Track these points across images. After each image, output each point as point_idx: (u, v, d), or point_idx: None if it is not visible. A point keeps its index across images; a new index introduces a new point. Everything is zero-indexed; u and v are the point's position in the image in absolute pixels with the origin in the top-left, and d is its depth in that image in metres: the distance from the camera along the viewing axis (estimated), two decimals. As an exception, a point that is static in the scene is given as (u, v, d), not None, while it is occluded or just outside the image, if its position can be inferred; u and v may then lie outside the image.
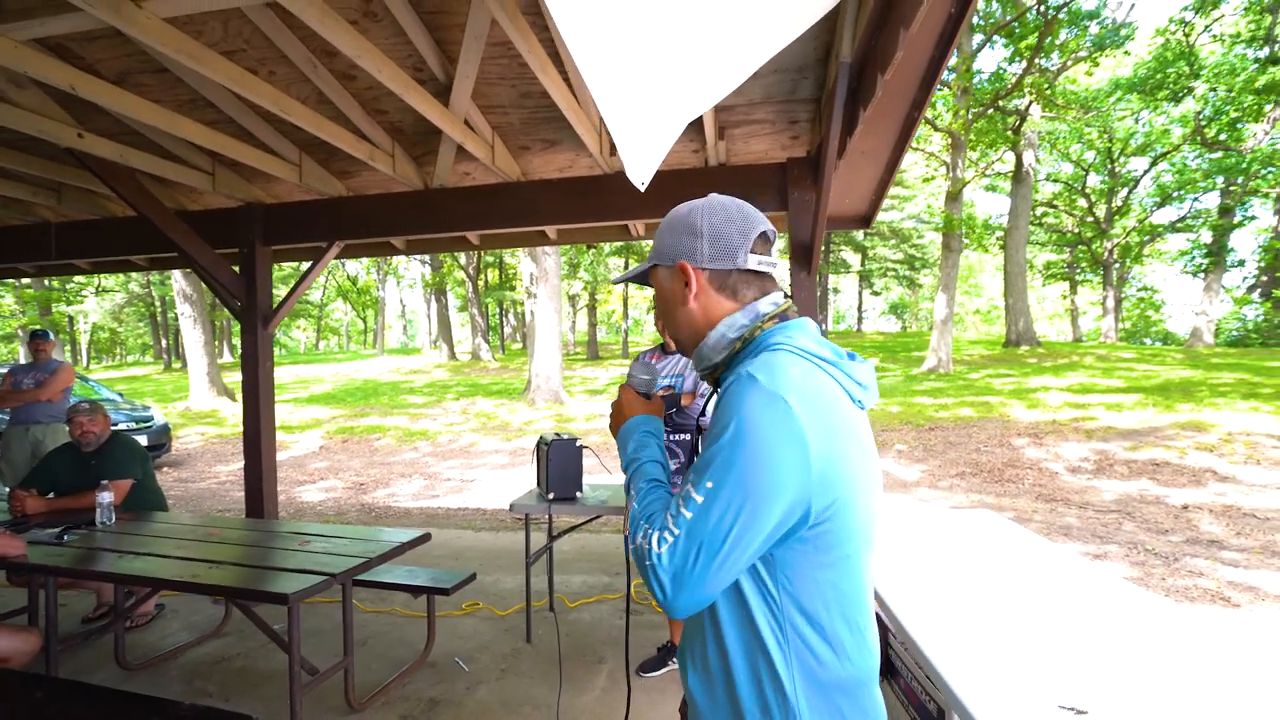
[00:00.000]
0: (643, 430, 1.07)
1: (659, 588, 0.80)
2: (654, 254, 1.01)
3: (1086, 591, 1.84)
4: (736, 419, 0.80)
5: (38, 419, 4.74)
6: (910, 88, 2.75)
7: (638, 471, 0.99)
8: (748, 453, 0.78)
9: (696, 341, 0.98)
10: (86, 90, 2.52)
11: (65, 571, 2.28)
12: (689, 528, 0.78)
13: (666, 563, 0.79)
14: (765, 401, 0.79)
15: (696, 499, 0.79)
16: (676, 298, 0.98)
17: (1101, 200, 24.55)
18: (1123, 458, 7.14)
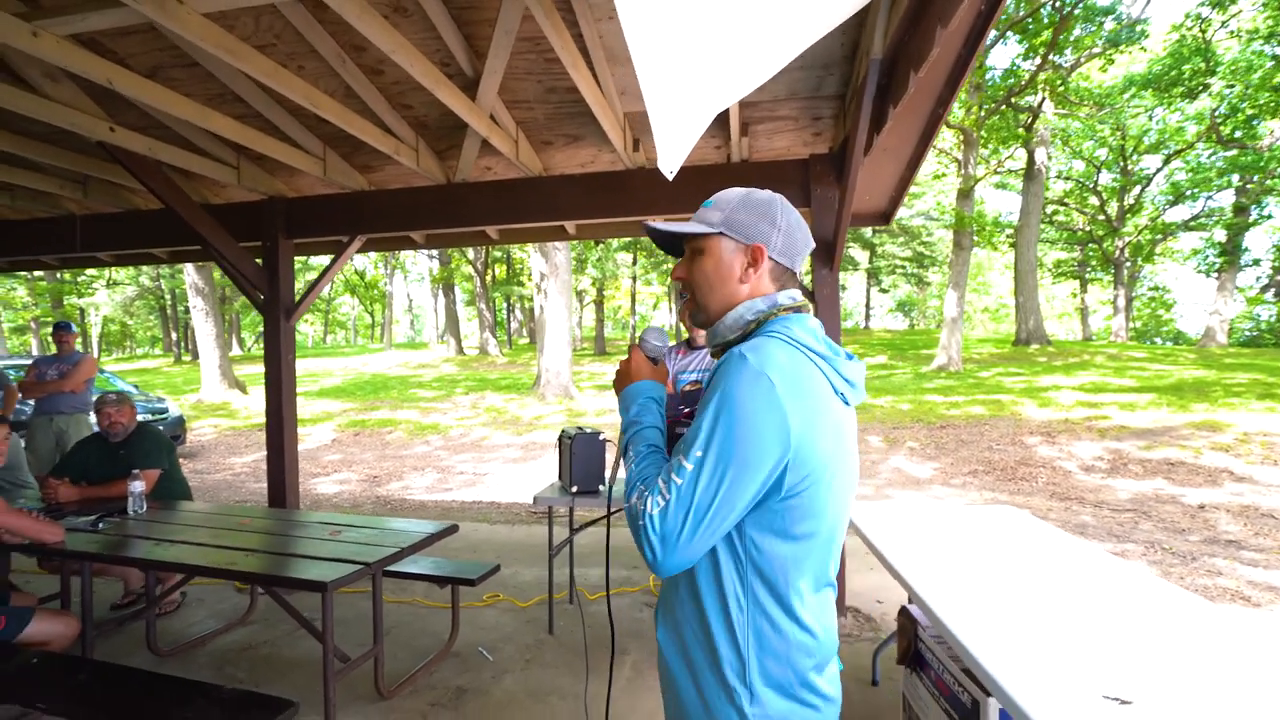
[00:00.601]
0: (647, 395, 1.09)
1: (649, 548, 0.87)
2: (724, 223, 1.01)
3: (1115, 585, 1.86)
4: (723, 393, 0.87)
5: (61, 409, 4.81)
6: (937, 85, 2.75)
7: (638, 435, 1.03)
8: (733, 424, 0.85)
9: (718, 316, 1.03)
10: (123, 84, 2.55)
11: (103, 558, 2.32)
12: (679, 493, 0.85)
13: (658, 525, 0.86)
14: (751, 378, 0.87)
15: (687, 466, 0.86)
16: (733, 273, 1.02)
17: (1113, 198, 24.37)
18: (1137, 457, 7.12)
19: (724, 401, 0.86)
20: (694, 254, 1.05)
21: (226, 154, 3.78)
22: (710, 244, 1.03)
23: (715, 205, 1.04)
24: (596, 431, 3.15)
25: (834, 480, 0.92)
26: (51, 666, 2.03)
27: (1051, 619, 1.62)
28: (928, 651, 1.91)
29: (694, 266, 1.05)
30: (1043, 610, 1.67)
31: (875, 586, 3.73)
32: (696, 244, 1.04)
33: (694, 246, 1.05)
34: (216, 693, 1.82)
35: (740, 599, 0.92)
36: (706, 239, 1.03)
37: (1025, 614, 1.65)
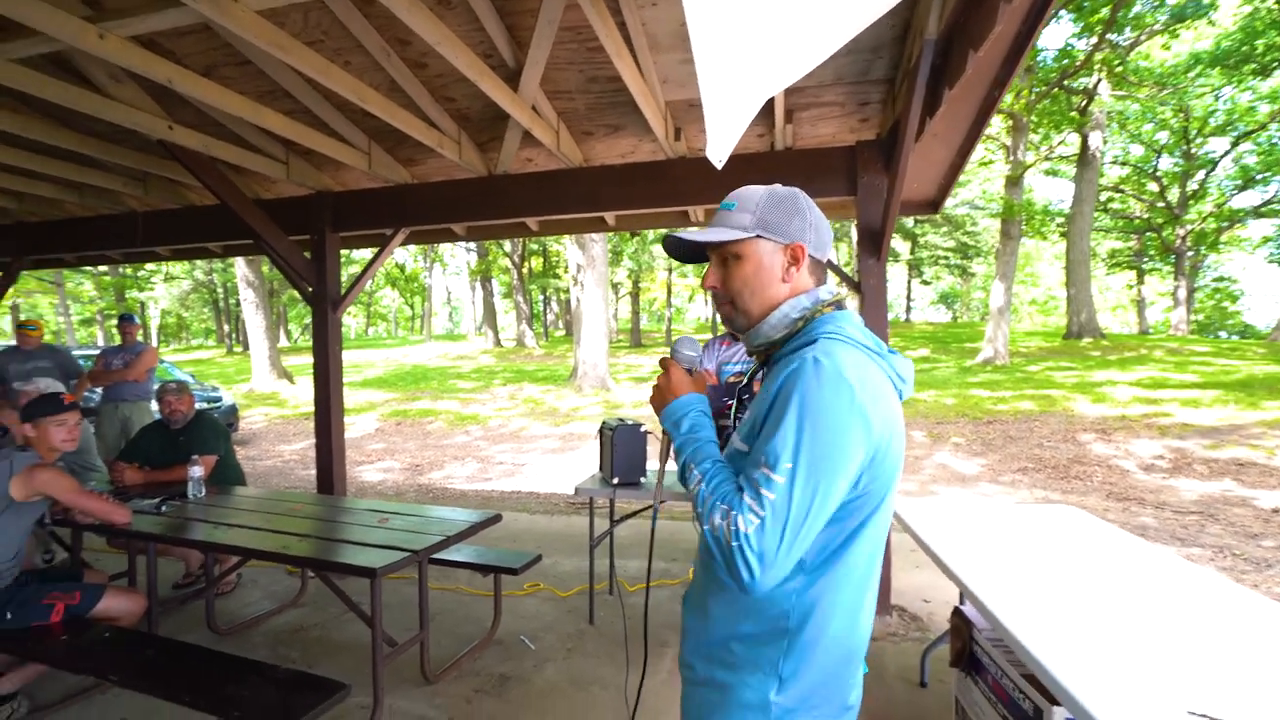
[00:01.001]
0: (696, 409, 1.05)
1: (746, 568, 0.83)
2: (759, 225, 1.00)
3: (1190, 590, 1.76)
4: (806, 400, 0.85)
5: (125, 397, 5.03)
6: (994, 66, 2.63)
7: (699, 451, 0.98)
8: (821, 432, 0.84)
9: (762, 319, 1.01)
10: (182, 84, 2.63)
11: (166, 539, 2.42)
12: (774, 507, 0.82)
13: (755, 544, 0.82)
14: (832, 384, 0.86)
15: (777, 479, 0.83)
16: (774, 274, 1.01)
17: (1174, 184, 23.14)
18: (1202, 456, 6.77)
19: (807, 409, 0.84)
20: (727, 260, 1.03)
21: (277, 150, 3.88)
22: (748, 248, 1.01)
23: (741, 207, 1.01)
24: (638, 423, 3.14)
25: (895, 478, 0.95)
26: (122, 641, 2.13)
27: (1121, 624, 1.54)
28: (984, 654, 1.84)
29: (731, 273, 1.02)
30: (1111, 614, 1.59)
31: (921, 585, 3.64)
32: (732, 250, 1.02)
33: (729, 253, 1.02)
34: (271, 672, 1.88)
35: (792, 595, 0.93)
36: (743, 243, 1.01)
37: (1092, 618, 1.57)
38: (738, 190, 1.04)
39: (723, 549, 0.84)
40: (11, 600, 2.19)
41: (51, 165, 3.94)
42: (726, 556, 0.84)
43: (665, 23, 2.71)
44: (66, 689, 2.43)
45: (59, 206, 4.92)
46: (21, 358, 4.68)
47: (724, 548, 0.84)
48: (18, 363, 4.62)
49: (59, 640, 2.08)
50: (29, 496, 2.19)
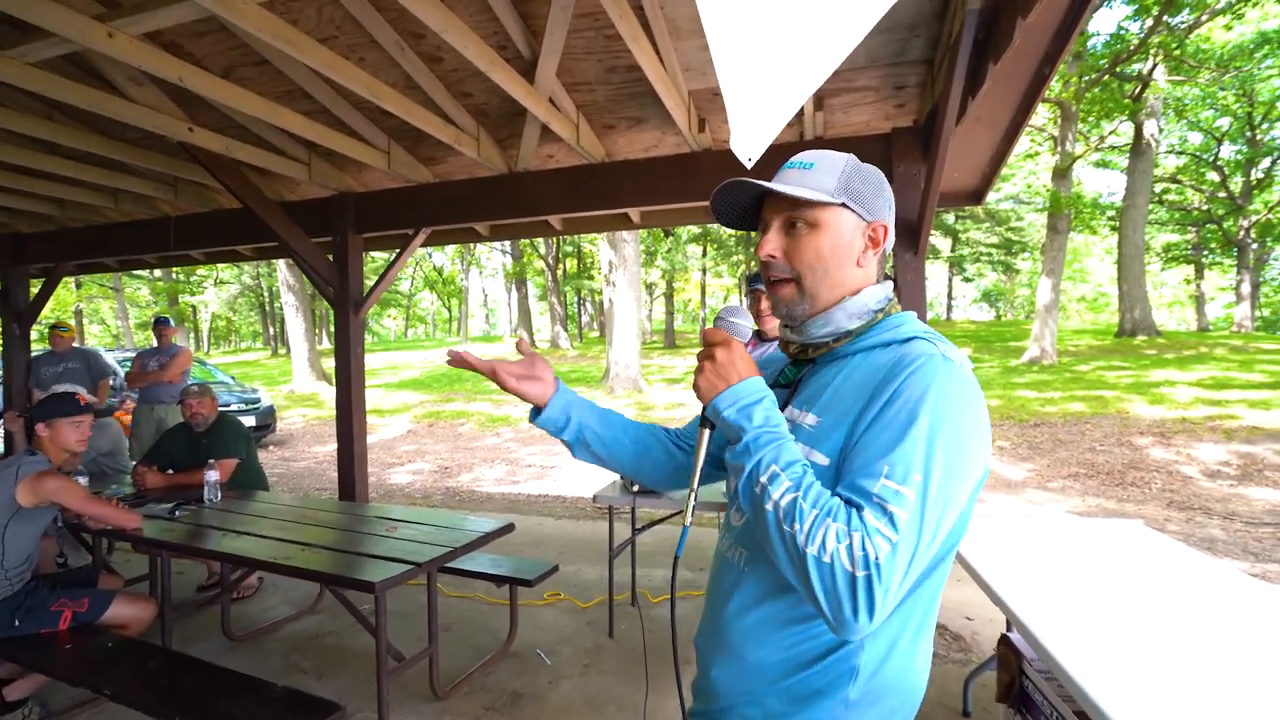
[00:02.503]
0: (769, 397, 0.82)
1: (869, 605, 0.66)
2: (845, 192, 0.86)
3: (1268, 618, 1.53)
4: (940, 403, 0.73)
5: (161, 399, 5.12)
6: (1044, 41, 2.41)
7: (781, 448, 0.76)
8: (955, 442, 0.72)
9: (832, 304, 0.87)
10: (193, 82, 2.60)
11: (173, 547, 2.38)
12: (907, 529, 0.68)
13: (887, 573, 0.66)
14: (963, 384, 0.75)
15: (906, 494, 0.69)
16: (851, 253, 0.87)
17: (1237, 172, 21.85)
18: (1274, 462, 6.28)
19: (941, 414, 0.72)
20: (797, 226, 0.87)
21: (298, 151, 3.86)
22: (829, 215, 0.86)
23: (821, 168, 0.87)
24: (658, 428, 2.99)
25: None
26: (125, 652, 2.09)
27: (1191, 659, 1.34)
28: (1036, 691, 1.65)
29: (801, 243, 0.86)
30: (1179, 647, 1.39)
31: (963, 601, 3.40)
32: (810, 215, 0.86)
33: (802, 218, 0.86)
34: (268, 690, 1.81)
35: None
36: (823, 209, 0.86)
37: (1154, 650, 1.38)
38: (807, 152, 0.90)
39: (835, 580, 0.66)
40: (20, 606, 2.18)
41: (87, 171, 4.01)
42: (839, 590, 0.66)
43: (684, 6, 2.56)
44: (77, 696, 2.42)
45: (97, 212, 5.03)
46: (54, 360, 4.79)
47: (838, 579, 0.66)
48: (49, 365, 4.74)
49: (63, 649, 2.06)
50: (37, 503, 2.18)
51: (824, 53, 1.65)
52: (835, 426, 0.79)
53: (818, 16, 1.52)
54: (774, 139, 1.29)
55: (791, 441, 0.79)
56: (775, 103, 1.66)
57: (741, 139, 1.65)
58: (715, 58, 1.35)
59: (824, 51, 1.63)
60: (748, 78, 1.52)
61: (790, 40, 1.48)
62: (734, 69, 1.45)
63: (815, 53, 1.61)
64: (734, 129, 1.59)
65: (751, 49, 1.42)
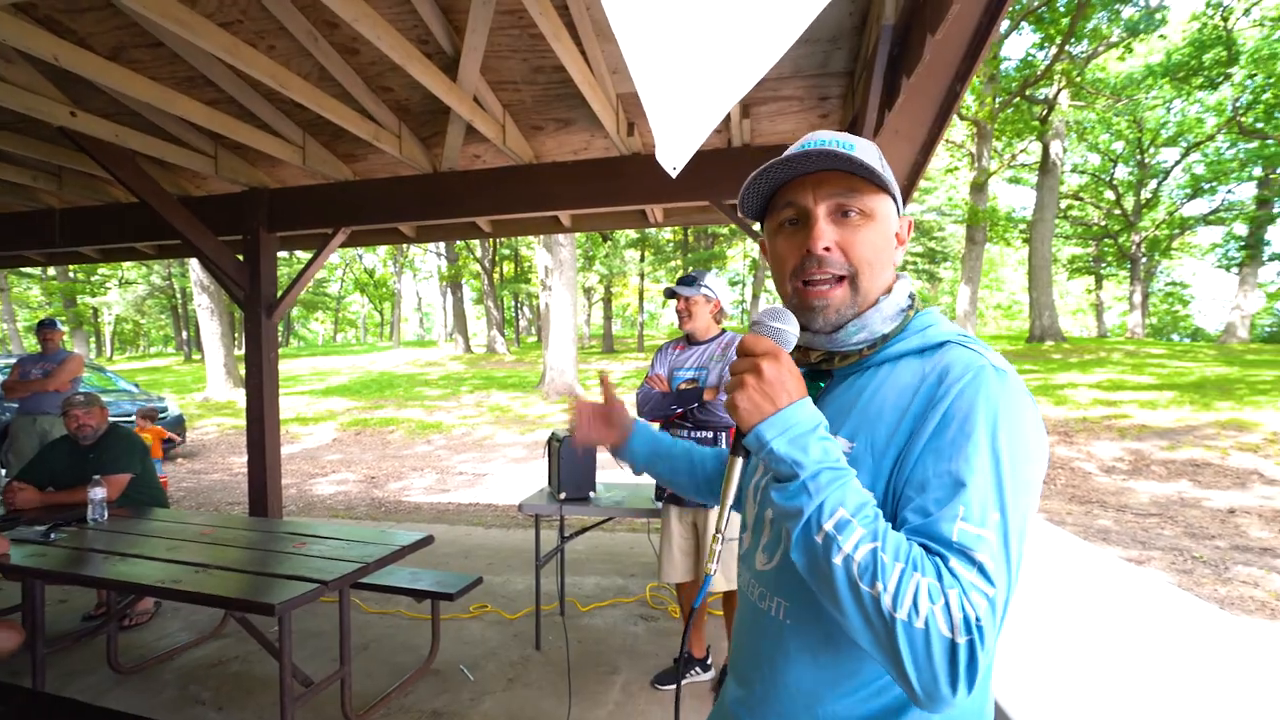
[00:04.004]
0: (825, 425, 0.68)
1: (969, 672, 0.55)
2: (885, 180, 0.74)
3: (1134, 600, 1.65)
4: (1001, 425, 0.63)
5: (45, 409, 4.66)
6: (954, 58, 2.52)
7: (850, 490, 0.63)
8: (1019, 461, 0.63)
9: (878, 296, 0.76)
10: (72, 61, 2.38)
11: (45, 574, 2.15)
12: (998, 578, 0.58)
13: (990, 634, 0.56)
14: (1021, 398, 0.66)
15: (988, 537, 0.59)
16: (892, 247, 0.78)
17: (1130, 192, 23.85)
18: (1160, 458, 6.83)
19: (1004, 437, 0.62)
20: (850, 215, 0.74)
21: (203, 143, 3.61)
22: (882, 205, 0.75)
23: (861, 151, 0.73)
24: (587, 434, 2.95)
25: None
26: (-19, 693, 1.86)
27: (1074, 642, 1.42)
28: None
29: (858, 236, 0.74)
30: (1063, 632, 1.47)
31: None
32: (865, 203, 0.74)
33: (860, 206, 0.74)
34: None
35: None
36: (879, 196, 0.75)
37: (1043, 636, 1.45)
38: (828, 131, 0.77)
39: (930, 648, 0.55)
40: None
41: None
42: (935, 659, 0.55)
43: (610, 7, 2.54)
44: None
45: (-34, 203, 4.55)
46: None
47: (934, 647, 0.55)
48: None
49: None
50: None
51: (747, 62, 1.65)
52: (873, 453, 0.68)
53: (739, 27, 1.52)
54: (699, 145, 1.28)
55: (857, 480, 0.65)
56: (698, 110, 1.65)
57: (665, 145, 1.63)
58: (630, 64, 1.33)
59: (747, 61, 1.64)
60: (667, 85, 1.50)
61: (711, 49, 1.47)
62: (651, 76, 1.43)
63: (738, 62, 1.61)
64: (657, 135, 1.57)
65: (669, 56, 1.39)
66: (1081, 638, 1.48)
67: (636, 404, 2.61)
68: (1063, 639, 1.47)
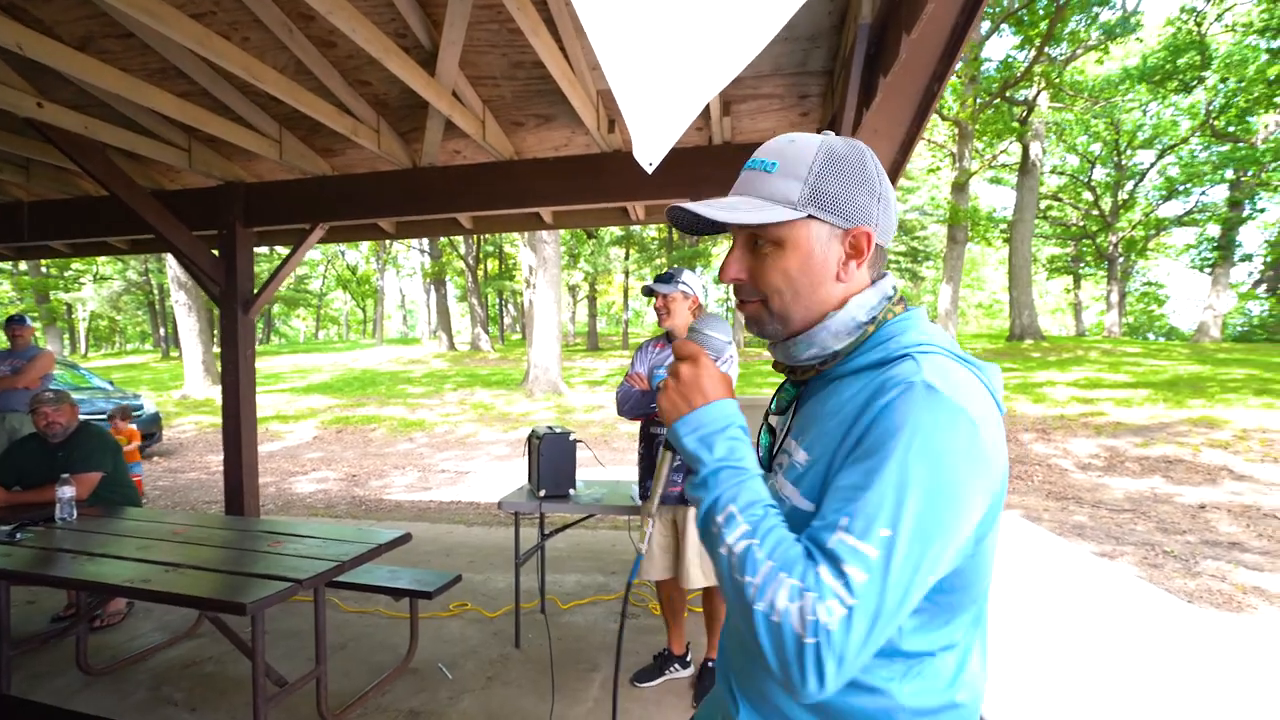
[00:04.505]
0: (737, 424, 0.74)
1: (815, 674, 0.58)
2: (812, 200, 0.72)
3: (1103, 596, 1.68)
4: (914, 441, 0.61)
5: (15, 407, 4.56)
6: (931, 58, 2.54)
7: (743, 488, 0.69)
8: (931, 486, 0.61)
9: (812, 324, 0.75)
10: (37, 50, 2.32)
11: (11, 575, 2.10)
12: (864, 594, 0.59)
13: (839, 642, 0.58)
14: (950, 419, 0.62)
15: (869, 553, 0.59)
16: (828, 268, 0.74)
17: (1107, 193, 24.26)
18: (1134, 454, 6.97)
19: (917, 458, 0.61)
20: (768, 245, 0.75)
21: (176, 136, 3.54)
22: (794, 232, 0.73)
23: (784, 170, 0.72)
24: (566, 431, 2.95)
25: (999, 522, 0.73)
26: (-57, 697, 1.82)
27: (1035, 632, 1.44)
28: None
29: (766, 265, 0.75)
30: (1035, 627, 1.49)
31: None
32: (772, 234, 0.74)
33: (767, 236, 0.74)
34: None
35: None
36: (788, 225, 0.73)
37: (1017, 632, 1.47)
38: (777, 141, 0.75)
39: (784, 640, 0.59)
40: None
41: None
42: (787, 651, 0.59)
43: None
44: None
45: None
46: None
47: (786, 639, 0.59)
48: None
49: None
50: None
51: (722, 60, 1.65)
52: (822, 465, 0.69)
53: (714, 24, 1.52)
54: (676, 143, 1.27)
55: (757, 479, 0.70)
56: (673, 108, 1.65)
57: (641, 143, 1.63)
58: (600, 57, 1.32)
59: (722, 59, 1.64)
60: (641, 82, 1.50)
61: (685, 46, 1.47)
62: (623, 70, 1.42)
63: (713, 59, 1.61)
64: (632, 132, 1.57)
65: (641, 51, 1.39)
66: (1051, 632, 1.50)
67: (617, 402, 2.61)
68: (1033, 633, 1.50)
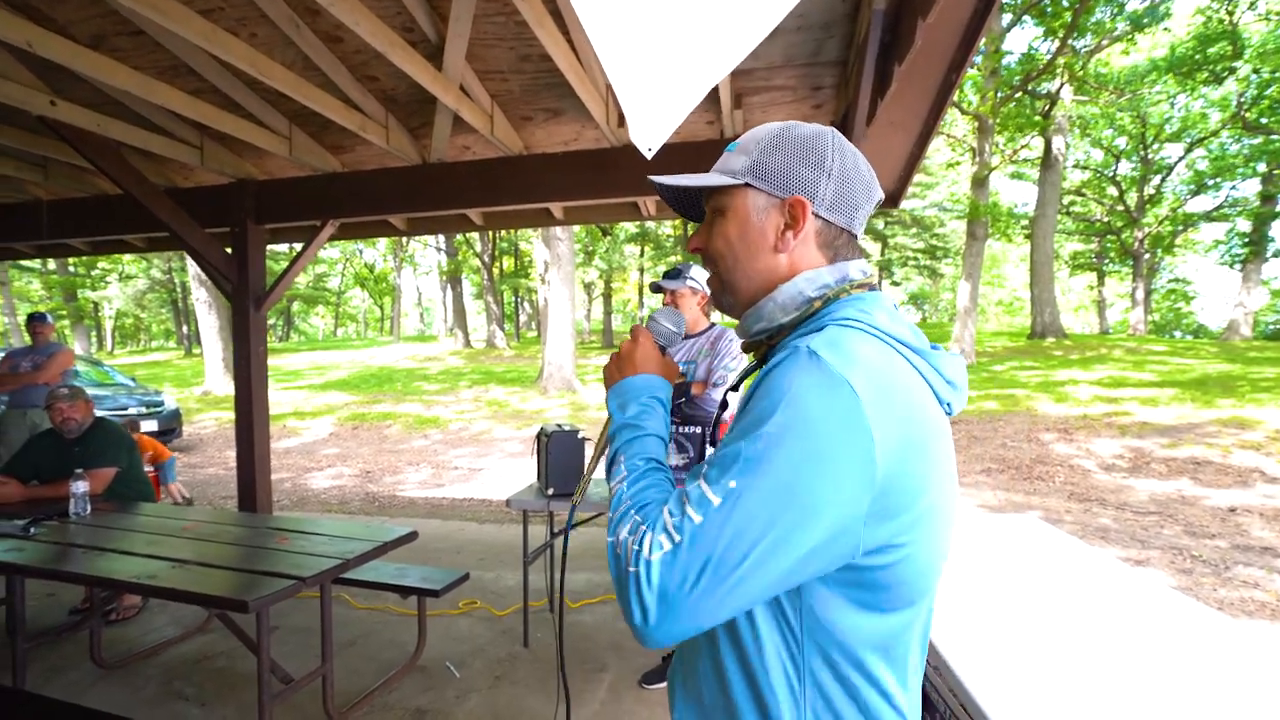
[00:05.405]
0: (651, 393, 0.83)
1: (638, 605, 0.60)
2: (750, 170, 0.75)
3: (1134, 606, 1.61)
4: (782, 404, 0.61)
5: (35, 403, 4.63)
6: (949, 45, 2.47)
7: (634, 443, 0.77)
8: (792, 449, 0.59)
9: (759, 299, 0.76)
10: (47, 49, 2.33)
11: (20, 568, 2.12)
12: (695, 535, 0.59)
13: (657, 576, 0.59)
14: (826, 385, 0.60)
15: (712, 499, 0.60)
16: (766, 237, 0.75)
17: (1132, 188, 23.71)
18: (1160, 455, 6.78)
19: (782, 419, 0.60)
20: (714, 215, 0.80)
21: (188, 133, 3.56)
22: (734, 200, 0.77)
23: (741, 148, 0.78)
24: (575, 429, 2.91)
25: (939, 524, 0.67)
26: (-48, 690, 1.83)
27: (1066, 649, 1.38)
28: (933, 690, 1.66)
29: (714, 232, 0.80)
30: (1055, 638, 1.43)
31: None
32: (717, 201, 0.79)
33: (714, 205, 0.80)
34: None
35: (795, 694, 0.65)
36: (728, 194, 0.77)
37: (1034, 642, 1.41)
38: (751, 129, 0.82)
39: (620, 572, 0.62)
40: None
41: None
42: (617, 581, 0.63)
43: (598, -6, 2.49)
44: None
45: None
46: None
47: (620, 570, 0.62)
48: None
49: None
50: None
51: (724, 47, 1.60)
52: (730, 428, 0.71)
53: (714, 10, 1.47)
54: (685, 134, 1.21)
55: (652, 438, 0.78)
56: (672, 95, 1.59)
57: (638, 131, 1.58)
58: (594, 44, 1.28)
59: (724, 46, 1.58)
60: (637, 68, 1.45)
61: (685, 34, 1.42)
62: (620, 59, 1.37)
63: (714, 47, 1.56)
64: (629, 120, 1.52)
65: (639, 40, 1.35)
66: (1077, 642, 1.44)
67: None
68: (1057, 643, 1.43)
